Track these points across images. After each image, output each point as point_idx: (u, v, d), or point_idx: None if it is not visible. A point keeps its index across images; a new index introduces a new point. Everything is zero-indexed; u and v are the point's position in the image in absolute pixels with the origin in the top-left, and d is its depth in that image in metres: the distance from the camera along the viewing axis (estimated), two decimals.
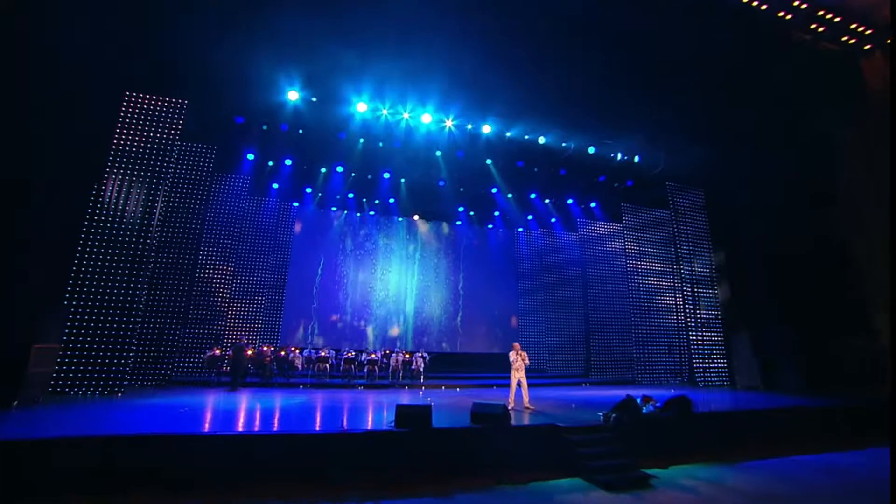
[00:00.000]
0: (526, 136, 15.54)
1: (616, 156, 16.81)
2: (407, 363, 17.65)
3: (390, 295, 23.06)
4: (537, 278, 24.41)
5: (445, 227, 24.58)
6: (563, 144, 16.11)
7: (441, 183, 19.50)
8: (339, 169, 18.50)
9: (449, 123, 14.85)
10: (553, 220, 23.55)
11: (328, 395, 14.16)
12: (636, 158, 17.12)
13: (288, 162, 18.12)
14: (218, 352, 15.71)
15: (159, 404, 10.61)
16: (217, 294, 17.50)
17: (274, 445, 7.32)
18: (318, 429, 8.26)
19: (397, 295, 23.17)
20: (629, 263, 20.91)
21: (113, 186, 12.57)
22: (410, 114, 14.39)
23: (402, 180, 19.29)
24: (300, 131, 15.72)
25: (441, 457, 7.66)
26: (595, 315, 21.59)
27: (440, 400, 13.14)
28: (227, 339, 18.30)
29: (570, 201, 21.14)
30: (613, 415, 8.74)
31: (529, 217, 23.32)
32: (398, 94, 13.65)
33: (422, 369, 17.89)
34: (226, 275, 17.83)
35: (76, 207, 11.43)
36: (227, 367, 17.43)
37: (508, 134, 15.34)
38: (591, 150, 16.38)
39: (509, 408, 10.97)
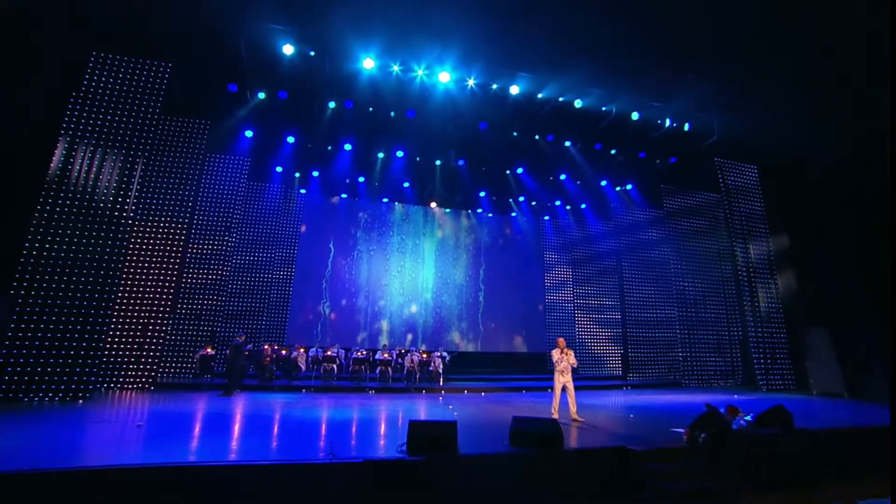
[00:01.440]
0: (560, 98, 13.35)
1: (664, 122, 14.49)
2: (424, 364, 15.63)
3: (405, 289, 21.07)
4: (566, 270, 22.19)
5: (465, 216, 22.50)
6: (604, 108, 13.87)
7: (460, 163, 17.42)
8: (348, 147, 16.54)
9: (471, 83, 12.73)
10: (583, 206, 21.28)
11: (334, 400, 12.23)
12: (686, 126, 14.78)
13: (290, 139, 16.21)
14: (210, 350, 13.86)
15: (118, 416, 8.74)
16: (212, 287, 15.68)
17: (224, 482, 5.18)
18: (299, 455, 5.96)
19: (413, 289, 21.17)
20: (671, 252, 18.54)
21: (80, 160, 10.76)
22: (426, 71, 12.31)
23: (417, 158, 17.23)
24: (301, 100, 13.79)
25: (472, 497, 5.56)
26: (633, 309, 19.30)
27: (464, 408, 11.09)
28: (224, 337, 16.49)
29: (603, 183, 18.85)
30: (701, 434, 6.56)
31: (557, 202, 21.09)
32: (412, 48, 11.60)
33: (441, 371, 15.87)
34: (222, 266, 16.00)
35: (30, 179, 9.63)
36: (225, 367, 15.67)
37: (540, 95, 13.16)
38: (635, 115, 14.12)
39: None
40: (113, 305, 10.89)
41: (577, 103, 13.50)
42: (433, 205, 21.60)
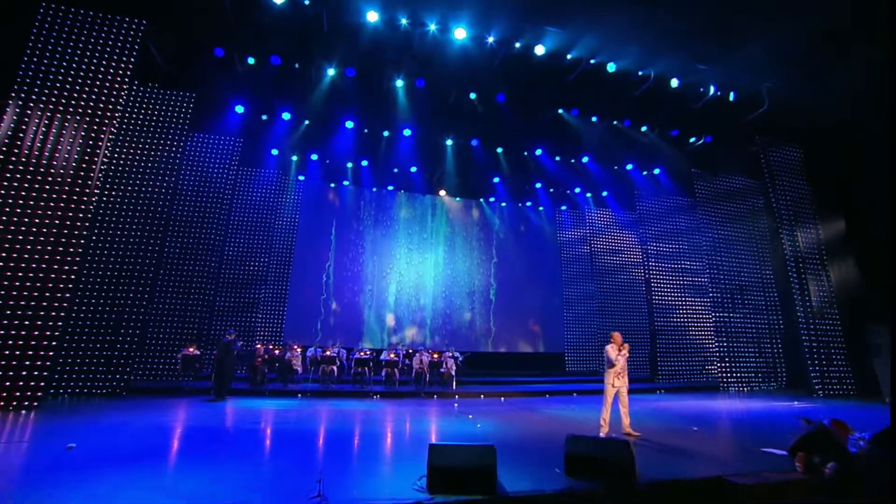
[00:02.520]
0: (592, 60, 11.68)
1: (707, 90, 12.78)
2: (435, 365, 13.97)
3: (412, 285, 19.43)
4: (586, 263, 20.46)
5: (476, 205, 20.84)
6: (640, 73, 12.18)
7: (474, 143, 15.77)
8: (350, 124, 14.92)
9: (491, 40, 11.07)
10: (605, 193, 19.58)
11: (333, 407, 10.61)
12: (731, 96, 13.06)
13: (286, 115, 14.59)
14: (193, 350, 12.25)
15: (56, 431, 7.09)
16: (199, 280, 14.08)
17: None
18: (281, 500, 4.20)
19: (420, 285, 19.52)
20: (704, 243, 16.80)
21: (34, 125, 9.17)
22: (438, 26, 10.67)
23: (426, 138, 15.60)
24: (296, 66, 12.17)
25: None
26: (662, 306, 17.59)
27: (486, 417, 9.43)
28: (213, 335, 14.89)
29: (629, 167, 17.15)
30: (815, 458, 4.89)
31: (577, 189, 19.37)
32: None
33: (453, 373, 14.21)
34: (210, 257, 14.40)
35: None
36: (212, 369, 14.14)
37: (569, 56, 11.49)
38: (675, 82, 12.43)
39: (602, 435, 7.22)
40: (72, 297, 9.28)
41: (610, 67, 11.83)
42: (442, 193, 19.95)
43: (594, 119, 14.28)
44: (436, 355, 14.34)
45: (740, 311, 16.07)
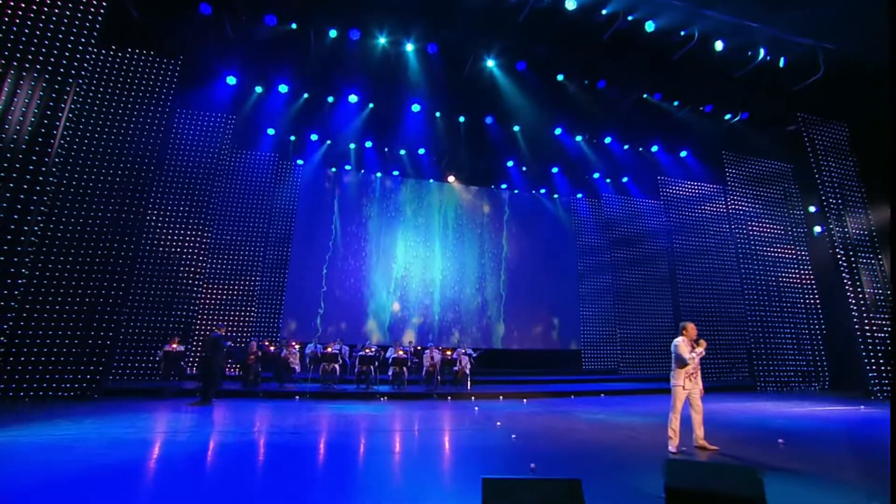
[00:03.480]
0: (630, 17, 10.30)
1: (756, 53, 11.39)
2: (448, 363, 12.59)
3: (419, 277, 18.07)
4: (604, 254, 19.10)
5: (487, 193, 19.47)
6: (683, 32, 10.79)
7: (488, 120, 14.39)
8: (353, 99, 13.53)
9: None
10: (625, 179, 18.22)
11: (336, 411, 9.25)
12: (781, 61, 11.68)
13: (283, 88, 13.19)
14: (177, 346, 10.87)
15: None
16: (186, 269, 12.70)
17: None
18: None
19: (428, 277, 18.15)
20: (737, 231, 15.44)
21: None
22: None
23: (437, 114, 14.22)
24: (293, 26, 10.79)
25: None
26: (689, 299, 16.24)
27: (515, 424, 8.07)
28: (202, 330, 13.53)
29: (655, 149, 15.78)
30: None
31: (596, 175, 17.99)
32: None
33: (468, 371, 12.87)
34: (199, 244, 13.01)
35: None
36: (199, 368, 12.84)
37: (605, 10, 10.11)
38: (720, 45, 11.05)
39: (672, 449, 5.87)
40: (27, 288, 7.90)
41: (649, 26, 10.45)
42: (451, 179, 18.57)
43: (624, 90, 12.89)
44: (449, 352, 12.96)
45: (777, 305, 14.71)
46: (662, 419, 8.48)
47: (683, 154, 15.99)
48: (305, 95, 13.57)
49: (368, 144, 16.04)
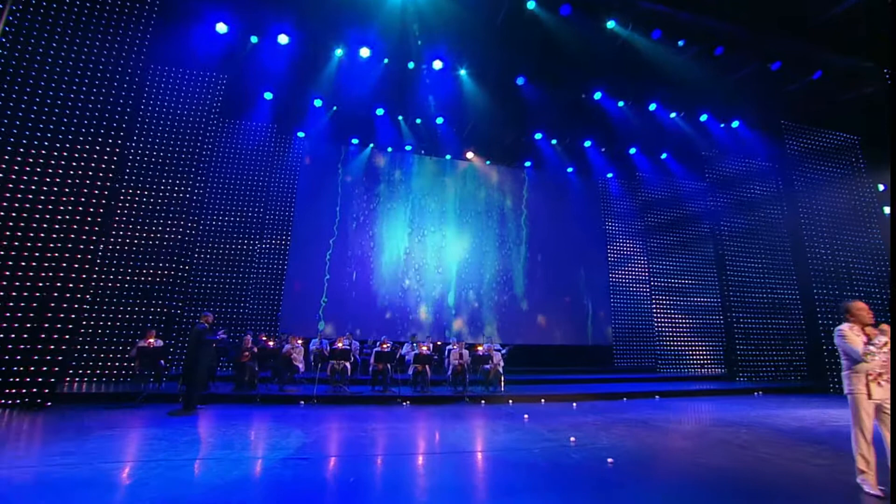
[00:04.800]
0: None
1: None
2: (479, 360, 10.67)
3: (433, 265, 16.15)
4: (638, 240, 17.29)
5: (510, 171, 17.57)
6: None
7: (520, 81, 12.47)
8: (366, 53, 11.55)
9: None
10: (664, 155, 16.37)
11: (352, 421, 7.34)
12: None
13: (284, 39, 11.19)
14: (153, 340, 8.87)
15: None
16: (167, 252, 10.73)
17: None
18: None
19: (443, 265, 16.25)
20: (802, 213, 13.62)
21: None
22: None
23: (461, 70, 12.29)
24: None
25: None
26: (740, 290, 14.40)
27: (591, 438, 6.19)
28: (186, 321, 11.58)
29: (704, 118, 13.91)
30: None
31: (633, 150, 16.12)
32: None
33: (501, 370, 10.97)
34: (182, 224, 11.04)
35: None
36: (177, 366, 10.96)
37: None
38: None
39: (870, 489, 3.94)
40: None
41: None
42: (470, 155, 16.63)
43: (681, 42, 11.00)
44: (479, 348, 11.04)
45: (848, 295, 12.90)
46: (775, 433, 6.66)
47: (735, 124, 14.10)
48: (311, 48, 11.53)
49: (380, 112, 14.04)
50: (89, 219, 8.51)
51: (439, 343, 13.23)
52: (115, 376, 9.56)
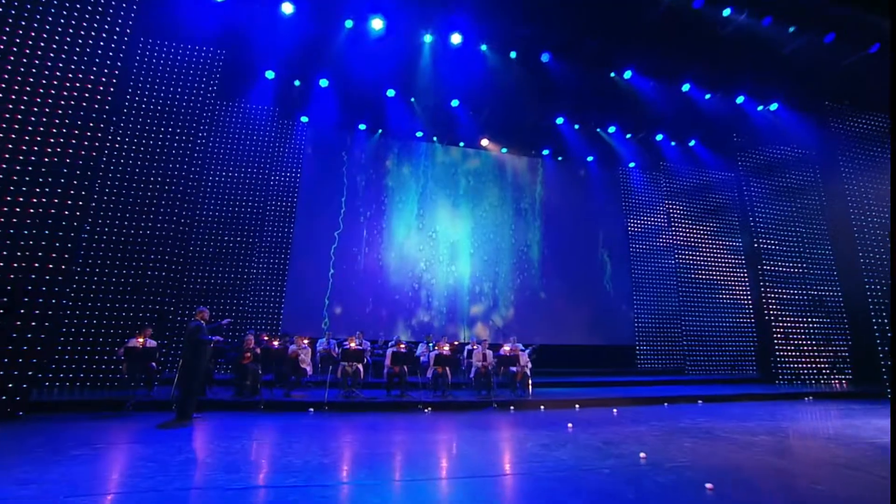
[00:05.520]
0: None
1: None
2: (506, 362, 9.65)
3: (445, 260, 15.12)
4: (664, 233, 16.31)
5: (528, 159, 16.56)
6: None
7: (545, 57, 11.45)
8: (378, 26, 10.51)
9: None
10: (692, 142, 15.40)
11: (369, 433, 6.32)
12: None
13: (288, 8, 10.15)
14: (143, 340, 7.83)
15: None
16: (158, 246, 9.70)
17: None
18: None
19: (455, 260, 15.21)
20: (851, 201, 12.64)
21: None
22: None
23: (483, 47, 11.27)
24: None
25: None
26: (777, 285, 13.42)
27: (659, 452, 5.17)
28: (182, 317, 10.55)
29: (741, 100, 12.93)
30: None
31: (659, 136, 15.14)
32: None
33: (528, 372, 9.94)
34: (176, 215, 10.00)
35: None
36: (177, 371, 9.92)
37: None
38: None
39: None
40: None
41: None
42: (485, 142, 15.61)
43: (727, 11, 10.01)
44: (506, 348, 10.01)
45: None
46: (874, 449, 5.65)
47: (774, 107, 13.10)
48: (316, 19, 10.48)
49: (391, 93, 13.00)
50: (69, 202, 7.46)
51: (456, 343, 12.20)
52: (99, 381, 8.49)
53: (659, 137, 15.02)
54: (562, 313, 15.78)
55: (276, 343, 9.09)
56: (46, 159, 7.50)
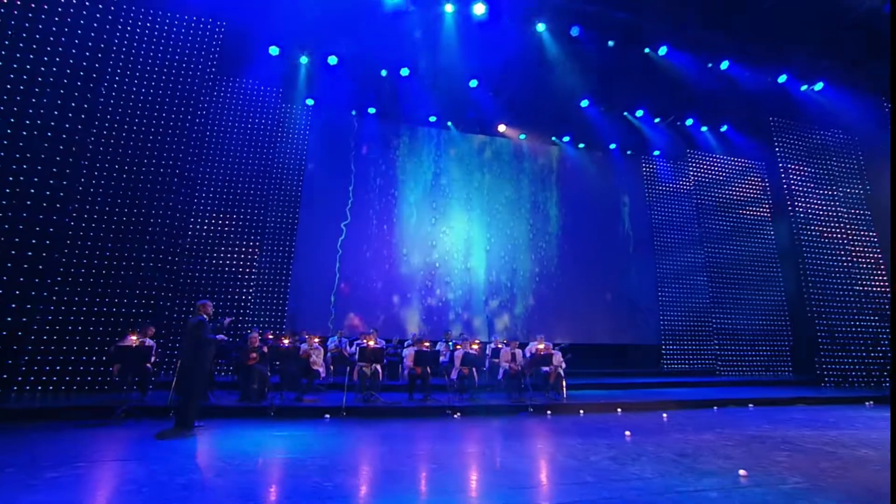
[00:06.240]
0: None
1: None
2: (539, 361, 8.73)
3: (460, 253, 14.20)
4: (691, 226, 15.43)
5: (548, 147, 15.66)
6: None
7: (575, 31, 10.54)
8: None
9: None
10: (724, 127, 14.53)
11: (398, 444, 5.45)
12: None
13: None
14: (137, 339, 6.87)
15: None
16: (153, 234, 8.75)
17: None
18: None
19: (470, 254, 14.30)
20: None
21: None
22: None
23: (509, 21, 10.34)
24: None
25: None
26: (820, 281, 12.51)
27: (764, 473, 4.21)
28: (182, 312, 9.60)
29: (783, 78, 12.03)
30: None
31: (689, 121, 14.24)
32: None
33: (562, 373, 9.02)
34: (171, 200, 9.06)
35: None
36: (175, 374, 9.00)
37: None
38: None
39: None
40: None
41: None
42: (503, 128, 14.68)
43: None
44: (541, 347, 9.08)
45: None
46: None
47: (819, 86, 12.21)
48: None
49: (405, 72, 12.04)
50: (51, 181, 6.50)
51: (477, 342, 11.27)
52: (86, 384, 7.51)
53: (689, 122, 14.11)
54: (582, 310, 14.87)
55: (285, 341, 8.12)
56: (22, 143, 6.54)
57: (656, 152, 15.56)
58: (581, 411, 8.12)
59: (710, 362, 14.28)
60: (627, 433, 6.26)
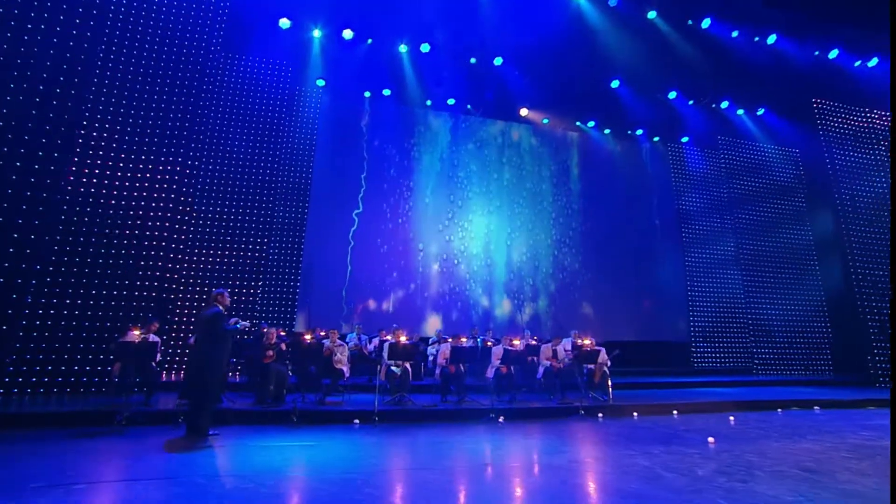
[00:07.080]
0: None
1: None
2: (584, 359, 7.88)
3: (480, 245, 13.35)
4: (723, 216, 14.62)
5: (572, 132, 14.80)
6: None
7: (613, 1, 9.68)
8: None
9: None
10: (761, 110, 13.71)
11: (447, 453, 4.50)
12: None
13: None
14: (140, 334, 6.00)
15: None
16: (154, 224, 7.87)
17: None
18: None
19: (491, 246, 13.46)
20: None
21: None
22: None
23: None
24: None
25: None
26: (870, 271, 11.70)
27: None
28: (191, 306, 8.73)
29: (834, 53, 11.17)
30: None
31: (724, 104, 13.41)
32: None
33: (607, 371, 8.18)
34: (174, 188, 8.18)
35: None
36: (183, 374, 8.27)
37: None
38: None
39: None
40: None
41: None
42: (525, 112, 13.80)
43: None
44: (587, 342, 8.24)
45: None
46: None
47: (874, 62, 11.38)
48: None
49: (425, 48, 11.15)
50: (35, 166, 5.60)
51: (515, 339, 10.42)
52: (82, 386, 6.62)
53: (724, 105, 13.27)
54: (606, 305, 14.05)
55: (308, 338, 7.23)
56: (15, 122, 5.65)
57: (685, 139, 14.73)
58: (635, 414, 7.30)
59: (746, 360, 13.49)
60: (711, 440, 5.44)
